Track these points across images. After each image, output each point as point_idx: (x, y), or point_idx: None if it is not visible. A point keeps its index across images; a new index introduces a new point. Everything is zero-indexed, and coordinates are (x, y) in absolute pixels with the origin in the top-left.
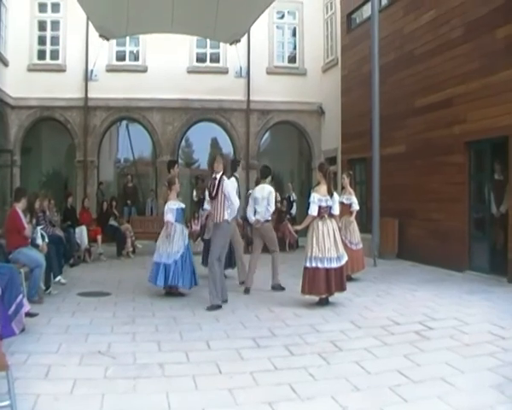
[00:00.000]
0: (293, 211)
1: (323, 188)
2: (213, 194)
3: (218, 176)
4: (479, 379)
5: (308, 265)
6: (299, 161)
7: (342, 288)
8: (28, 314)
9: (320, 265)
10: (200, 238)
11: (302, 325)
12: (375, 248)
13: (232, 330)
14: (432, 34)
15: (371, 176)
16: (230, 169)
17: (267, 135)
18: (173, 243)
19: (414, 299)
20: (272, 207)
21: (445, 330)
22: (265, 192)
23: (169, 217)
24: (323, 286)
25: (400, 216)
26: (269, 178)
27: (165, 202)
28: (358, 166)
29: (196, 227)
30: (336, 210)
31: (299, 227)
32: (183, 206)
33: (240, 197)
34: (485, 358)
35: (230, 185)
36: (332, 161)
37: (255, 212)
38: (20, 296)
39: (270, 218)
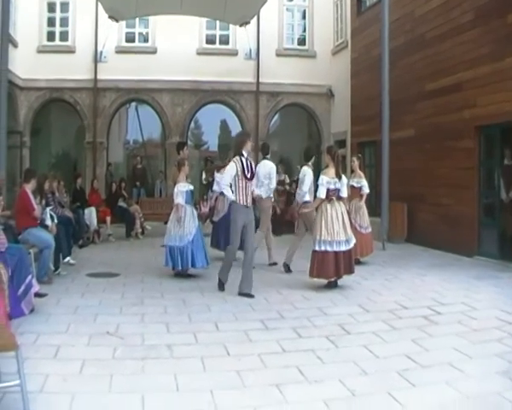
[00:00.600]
0: (298, 198)
1: (332, 171)
2: (250, 175)
3: (249, 156)
4: (487, 365)
5: (317, 248)
6: (308, 143)
7: (351, 270)
8: (37, 295)
9: (329, 248)
10: (208, 220)
11: (310, 307)
12: (384, 232)
13: (241, 312)
14: (442, 18)
15: (381, 160)
16: (262, 152)
17: (276, 117)
18: (184, 226)
19: (422, 283)
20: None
21: (453, 316)
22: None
23: (179, 200)
24: (332, 269)
25: (409, 200)
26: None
27: (175, 184)
28: (368, 149)
29: (205, 209)
30: (344, 193)
31: (307, 209)
32: (192, 188)
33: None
34: (493, 344)
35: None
36: (341, 143)
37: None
38: (30, 277)
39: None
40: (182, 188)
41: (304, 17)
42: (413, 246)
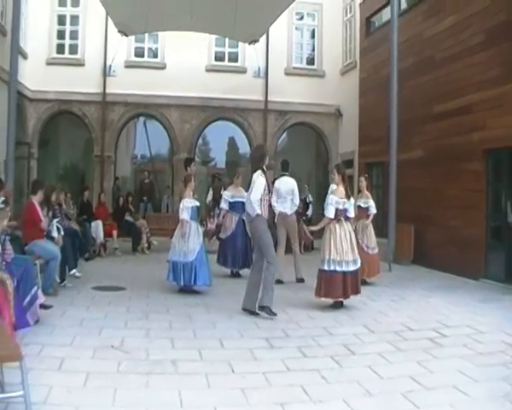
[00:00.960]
0: (309, 213)
1: (341, 190)
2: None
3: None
4: (491, 389)
5: (326, 268)
6: (316, 162)
7: (357, 291)
8: (43, 306)
9: (338, 268)
10: (215, 237)
11: (315, 327)
12: (391, 253)
13: (246, 329)
14: (452, 40)
15: (388, 180)
16: (282, 169)
17: (284, 136)
18: (189, 242)
19: (428, 305)
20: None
21: (458, 338)
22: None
23: (184, 215)
24: (340, 290)
25: (416, 222)
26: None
27: (181, 199)
28: (375, 169)
29: (212, 226)
30: (352, 213)
31: (314, 228)
32: (197, 204)
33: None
34: (498, 367)
35: None
36: (349, 163)
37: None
38: (35, 288)
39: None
40: (187, 204)
41: (313, 36)
42: (419, 268)
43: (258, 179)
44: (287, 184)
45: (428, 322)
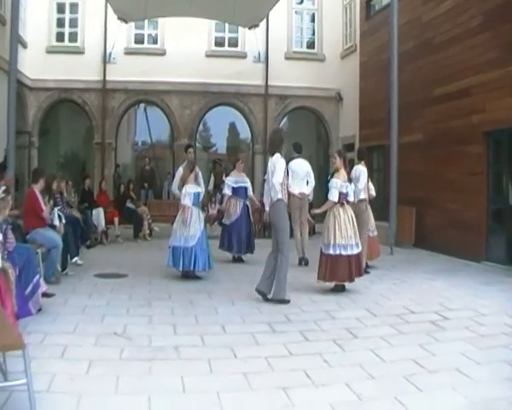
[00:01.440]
0: (311, 197)
1: (343, 174)
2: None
3: None
4: (494, 371)
5: (332, 252)
6: (316, 147)
7: (360, 273)
8: (45, 294)
9: (344, 252)
10: (216, 222)
11: (318, 311)
12: (392, 237)
13: (248, 314)
14: (451, 23)
15: (389, 164)
16: (295, 151)
17: (285, 120)
18: (190, 227)
19: (430, 288)
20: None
21: (460, 321)
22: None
23: (186, 201)
24: (346, 273)
25: (417, 205)
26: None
27: (183, 185)
28: (376, 153)
29: (213, 211)
30: (352, 197)
31: (318, 211)
32: (199, 190)
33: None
34: (501, 349)
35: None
36: (350, 147)
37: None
38: (37, 277)
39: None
40: (190, 189)
41: (313, 20)
42: (421, 251)
43: (279, 162)
44: (302, 165)
45: (430, 305)
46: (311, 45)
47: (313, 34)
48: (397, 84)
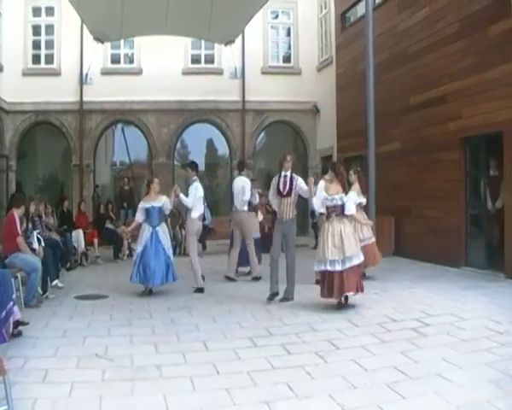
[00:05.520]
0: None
1: (333, 187)
2: (286, 191)
3: (289, 173)
4: (476, 375)
5: (316, 268)
6: (294, 160)
7: (358, 289)
8: (19, 323)
9: (323, 268)
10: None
11: (299, 323)
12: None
13: (229, 330)
14: (426, 31)
15: (367, 174)
16: (238, 169)
17: (262, 135)
18: (138, 241)
19: (411, 296)
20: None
21: (442, 327)
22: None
23: (137, 216)
24: (338, 289)
25: (396, 214)
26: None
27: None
28: (354, 164)
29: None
30: (349, 210)
31: (310, 188)
32: (156, 205)
33: None
34: (483, 353)
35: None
36: (328, 159)
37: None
38: (11, 304)
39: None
40: (142, 205)
41: (288, 34)
42: (401, 259)
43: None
44: (238, 183)
45: (412, 312)
46: (287, 59)
47: (289, 48)
48: (373, 95)
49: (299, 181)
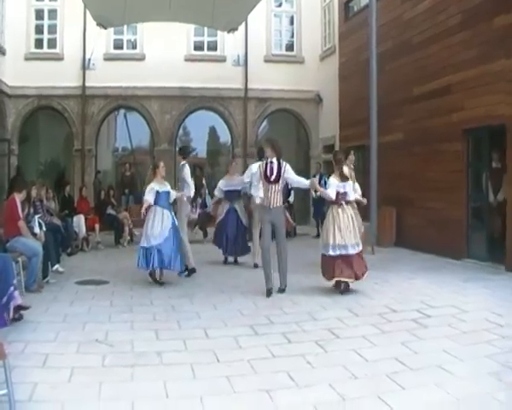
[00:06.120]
0: (291, 199)
1: (337, 175)
2: (273, 178)
3: (275, 160)
4: (477, 367)
5: (332, 253)
6: (296, 149)
7: (364, 271)
8: (20, 307)
9: (344, 251)
10: (197, 226)
11: (300, 312)
12: (373, 237)
13: (230, 318)
14: (429, 22)
15: (369, 164)
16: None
17: (265, 123)
18: (154, 227)
19: (411, 287)
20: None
21: (442, 318)
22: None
23: (146, 198)
24: (350, 272)
25: (398, 204)
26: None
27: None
28: (356, 153)
29: (194, 215)
30: (351, 196)
31: (319, 189)
32: (167, 189)
33: None
34: (483, 345)
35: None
36: (330, 148)
37: None
38: (12, 288)
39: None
40: (152, 187)
41: (292, 23)
42: (402, 250)
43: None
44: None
45: (412, 303)
46: (290, 48)
47: (292, 36)
48: (376, 85)
49: (288, 167)
